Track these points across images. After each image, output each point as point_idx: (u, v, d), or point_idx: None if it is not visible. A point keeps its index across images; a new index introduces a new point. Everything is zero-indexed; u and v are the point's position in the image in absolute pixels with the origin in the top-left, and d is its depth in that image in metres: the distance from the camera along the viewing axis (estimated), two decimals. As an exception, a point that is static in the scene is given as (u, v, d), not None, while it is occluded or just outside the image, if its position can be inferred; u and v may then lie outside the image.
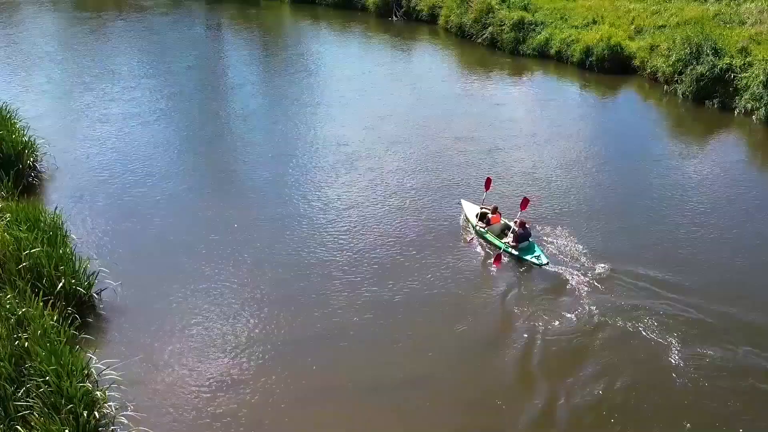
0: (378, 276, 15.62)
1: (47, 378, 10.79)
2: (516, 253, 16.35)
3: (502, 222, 17.35)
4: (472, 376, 12.93)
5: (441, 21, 38.08)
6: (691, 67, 26.28)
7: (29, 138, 21.38)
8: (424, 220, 18.24)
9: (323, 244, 16.86)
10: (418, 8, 39.94)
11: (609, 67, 29.76)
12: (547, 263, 15.77)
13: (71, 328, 12.61)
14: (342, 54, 35.28)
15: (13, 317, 12.12)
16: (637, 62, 29.52)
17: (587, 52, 30.38)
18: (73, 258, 14.91)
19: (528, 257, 16.03)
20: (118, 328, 13.92)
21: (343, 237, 17.25)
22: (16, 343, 11.44)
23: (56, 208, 17.03)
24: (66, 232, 16.59)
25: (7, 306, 12.32)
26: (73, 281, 14.00)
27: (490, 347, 13.75)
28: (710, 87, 25.68)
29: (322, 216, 18.22)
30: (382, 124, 24.70)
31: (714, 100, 25.54)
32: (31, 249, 14.16)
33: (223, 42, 38.22)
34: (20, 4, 46.20)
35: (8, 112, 22.84)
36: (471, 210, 18.08)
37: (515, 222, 16.88)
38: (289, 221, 17.93)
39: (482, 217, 17.52)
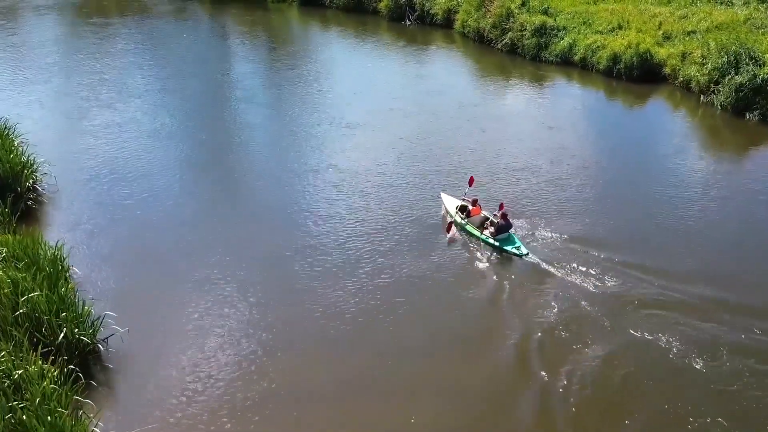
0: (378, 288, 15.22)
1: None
2: (495, 243, 16.43)
3: (483, 214, 17.34)
4: (466, 372, 12.78)
5: (457, 25, 36.63)
6: (729, 76, 24.80)
7: (28, 157, 19.95)
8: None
9: (348, 286, 15.35)
10: (432, 12, 38.49)
11: (638, 76, 28.29)
12: (527, 254, 15.93)
13: (75, 388, 11.16)
14: (357, 63, 33.53)
15: (9, 380, 10.67)
16: (667, 70, 28.07)
17: (614, 59, 28.92)
18: (76, 300, 13.47)
19: (509, 248, 16.19)
20: (128, 385, 12.41)
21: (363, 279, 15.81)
22: (11, 415, 9.97)
23: (57, 242, 15.57)
24: (68, 266, 15.19)
25: (2, 367, 10.85)
26: (76, 330, 12.53)
27: (479, 341, 13.71)
28: (750, 98, 24.19)
29: (346, 255, 16.54)
30: (421, 148, 22.43)
31: (755, 112, 24.05)
32: (29, 293, 12.69)
33: (233, 51, 36.48)
34: (21, 11, 44.81)
35: (6, 128, 21.47)
36: (451, 203, 18.05)
37: (495, 215, 17.02)
38: (310, 252, 16.46)
39: (462, 209, 17.62)
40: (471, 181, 18.34)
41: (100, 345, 12.96)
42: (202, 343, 13.44)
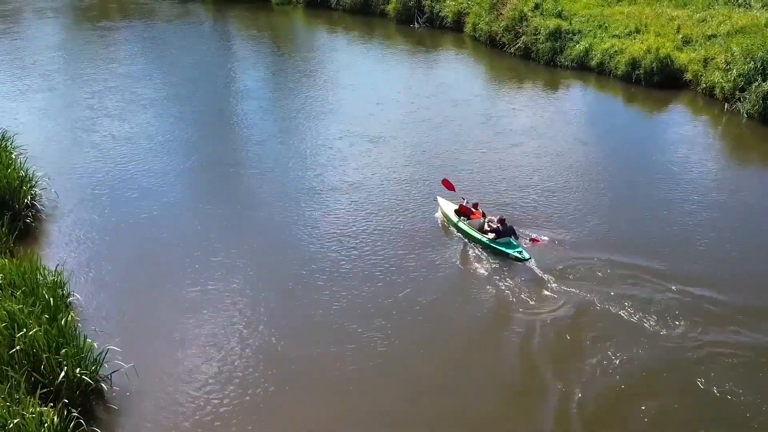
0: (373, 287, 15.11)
1: None
2: (497, 247, 16.06)
3: (482, 219, 17.01)
4: (470, 377, 12.54)
5: (468, 29, 35.68)
6: (756, 83, 23.86)
7: (27, 171, 18.96)
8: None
9: (359, 307, 14.56)
10: (441, 15, 37.53)
11: (658, 81, 27.33)
12: (530, 258, 15.62)
13: (76, 437, 10.25)
14: (373, 70, 32.02)
15: (3, 430, 9.73)
16: (689, 76, 27.11)
17: (633, 64, 27.95)
18: (77, 333, 12.51)
19: (511, 252, 15.87)
20: (133, 429, 11.45)
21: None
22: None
23: (57, 266, 14.62)
24: (68, 291, 14.26)
25: (-4, 414, 9.93)
26: (77, 369, 11.57)
27: (484, 346, 13.52)
28: (779, 106, 23.28)
29: (364, 278, 15.63)
30: (453, 166, 20.65)
31: (784, 121, 23.15)
32: (27, 327, 11.74)
33: (243, 57, 35.12)
34: (21, 14, 43.82)
35: (4, 139, 20.52)
36: (448, 206, 17.67)
37: (493, 218, 16.75)
38: (326, 275, 15.52)
39: (460, 213, 17.28)
40: (448, 186, 17.81)
41: (103, 384, 11.98)
42: (213, 379, 12.48)
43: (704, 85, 26.25)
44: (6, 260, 14.34)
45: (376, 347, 13.19)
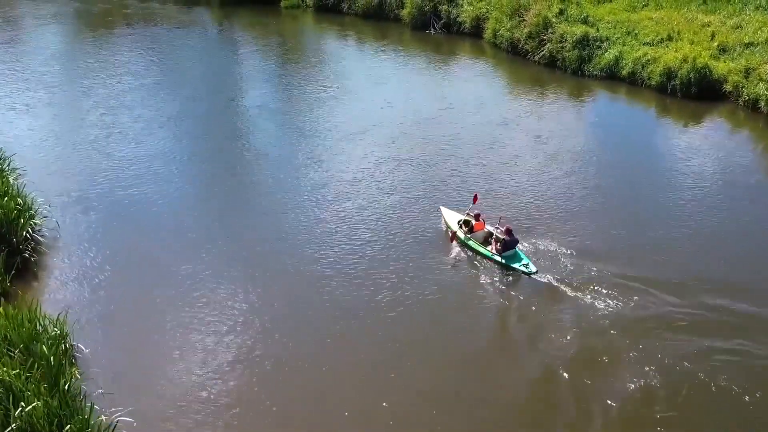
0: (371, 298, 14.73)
1: None
2: (500, 260, 15.63)
3: (486, 229, 16.56)
4: (473, 393, 12.27)
5: (487, 35, 33.93)
6: (806, 97, 22.33)
7: (26, 198, 17.39)
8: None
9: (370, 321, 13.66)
10: (459, 20, 35.87)
11: (695, 93, 25.73)
12: (537, 271, 15.14)
13: None
14: (399, 82, 29.64)
15: None
16: (728, 87, 25.49)
17: (668, 74, 26.35)
18: (82, 401, 10.98)
19: (516, 265, 15.41)
20: None
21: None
22: None
23: (59, 314, 13.06)
24: (72, 344, 12.75)
25: None
26: (82, 451, 10.07)
27: (488, 362, 13.18)
28: (832, 122, 21.74)
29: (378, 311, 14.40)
30: (515, 198, 18.64)
31: (838, 138, 21.60)
32: (25, 401, 10.21)
33: (253, 66, 32.77)
34: (21, 19, 42.10)
35: (1, 161, 19.00)
36: (452, 217, 17.21)
37: (498, 228, 16.21)
38: (333, 300, 14.56)
39: (464, 224, 16.75)
40: (475, 199, 17.41)
41: (113, 464, 10.48)
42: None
43: (746, 98, 24.67)
44: (2, 309, 12.80)
45: (377, 355, 13.11)
